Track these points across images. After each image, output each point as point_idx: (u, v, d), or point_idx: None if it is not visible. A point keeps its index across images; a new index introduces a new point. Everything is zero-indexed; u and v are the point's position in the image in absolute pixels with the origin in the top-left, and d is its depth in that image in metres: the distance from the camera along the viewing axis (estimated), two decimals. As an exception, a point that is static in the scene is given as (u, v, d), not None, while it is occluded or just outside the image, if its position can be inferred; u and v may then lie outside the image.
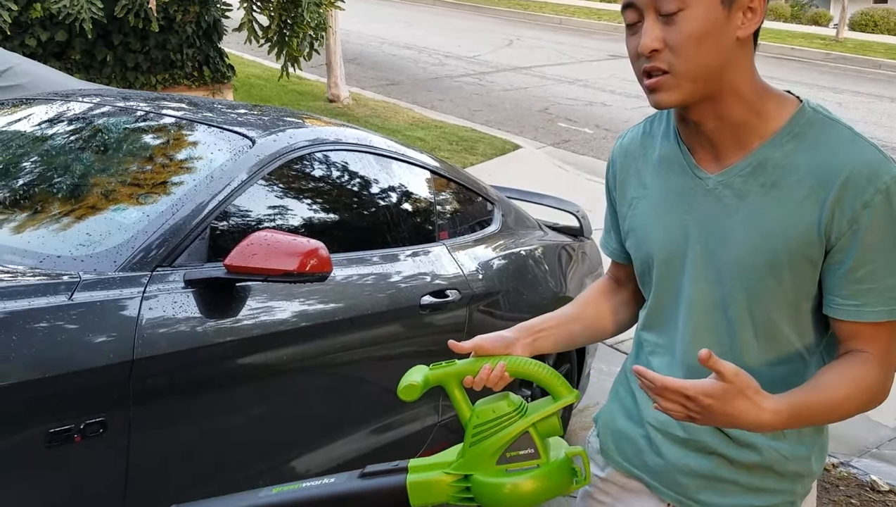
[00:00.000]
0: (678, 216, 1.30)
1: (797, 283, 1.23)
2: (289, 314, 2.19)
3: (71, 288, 1.79)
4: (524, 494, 1.24)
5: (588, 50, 14.79)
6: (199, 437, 2.01)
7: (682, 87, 1.19)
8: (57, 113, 2.71)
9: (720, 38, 1.17)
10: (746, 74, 1.22)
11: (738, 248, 1.24)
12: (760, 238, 1.22)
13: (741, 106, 1.22)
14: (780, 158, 1.22)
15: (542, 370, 1.31)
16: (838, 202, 1.17)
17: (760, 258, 1.22)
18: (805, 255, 1.21)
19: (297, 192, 2.52)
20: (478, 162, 7.60)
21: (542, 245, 3.35)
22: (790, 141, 1.22)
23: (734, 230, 1.24)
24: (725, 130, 1.25)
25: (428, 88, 11.06)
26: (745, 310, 1.26)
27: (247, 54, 11.07)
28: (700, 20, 1.16)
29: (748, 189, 1.24)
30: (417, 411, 2.68)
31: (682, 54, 1.17)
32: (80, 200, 2.23)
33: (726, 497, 1.32)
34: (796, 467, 1.32)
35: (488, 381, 1.32)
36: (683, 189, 1.30)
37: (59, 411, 1.69)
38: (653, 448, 1.38)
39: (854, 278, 1.19)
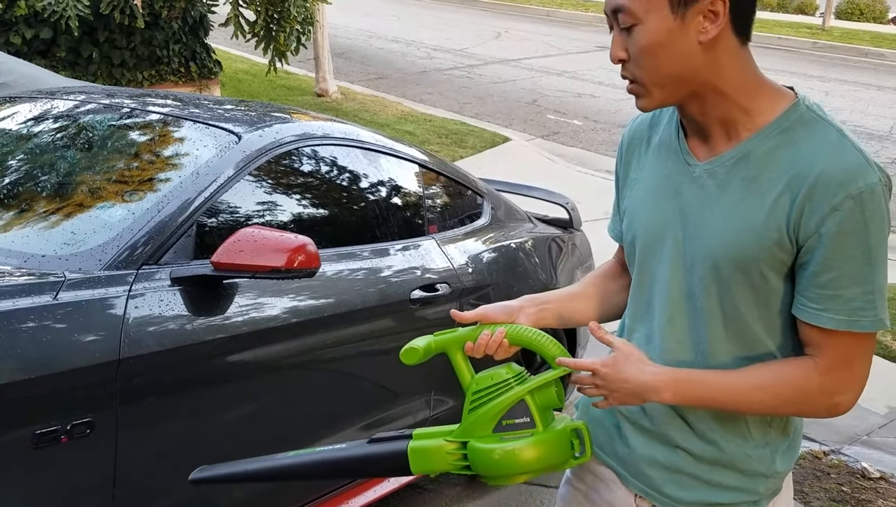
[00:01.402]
0: (665, 201, 1.31)
1: (767, 280, 1.22)
2: (278, 311, 2.17)
3: (56, 288, 1.77)
4: (516, 461, 1.22)
5: (576, 42, 14.78)
6: (188, 436, 2.00)
7: (652, 94, 1.23)
8: (42, 111, 2.68)
9: (678, 47, 1.19)
10: (728, 73, 1.21)
11: (711, 238, 1.24)
12: (733, 231, 1.22)
13: (725, 103, 1.23)
14: (763, 153, 1.21)
15: (541, 338, 1.30)
16: (808, 202, 1.16)
17: (731, 251, 1.22)
18: (774, 253, 1.20)
19: (284, 187, 2.50)
20: (467, 155, 7.58)
21: (531, 238, 3.34)
22: (776, 136, 1.21)
23: (711, 220, 1.24)
24: (712, 123, 1.25)
25: (417, 81, 11.03)
26: (716, 302, 1.25)
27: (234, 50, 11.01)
28: (652, 33, 1.19)
29: (729, 180, 1.23)
30: (409, 405, 2.67)
31: (642, 65, 1.21)
32: (65, 199, 2.21)
33: (688, 491, 1.32)
34: (759, 466, 1.30)
35: (487, 347, 1.33)
36: (673, 174, 1.31)
37: (45, 412, 1.67)
38: (622, 437, 1.39)
39: (818, 283, 1.18)
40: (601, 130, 9.14)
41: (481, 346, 1.34)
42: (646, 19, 1.18)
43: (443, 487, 3.11)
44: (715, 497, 1.31)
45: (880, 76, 12.85)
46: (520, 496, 3.07)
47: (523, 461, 1.23)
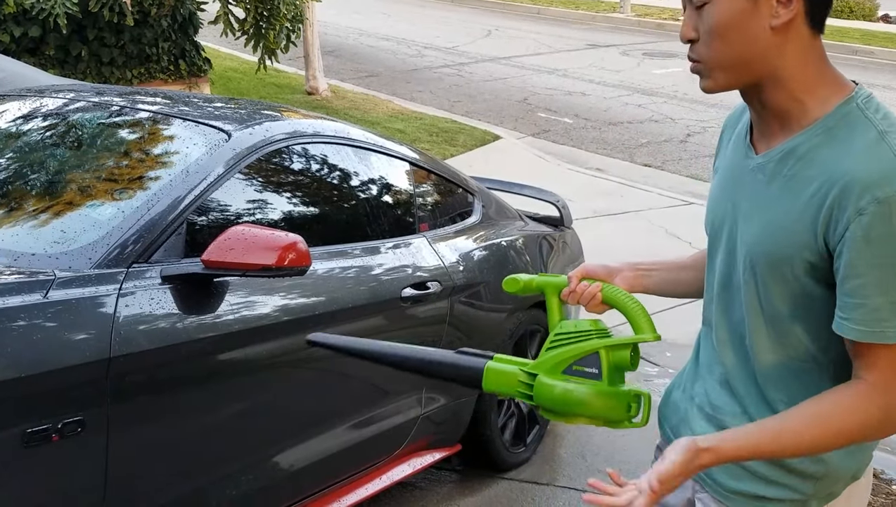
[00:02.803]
0: (727, 192, 1.32)
1: (801, 282, 1.20)
2: (269, 309, 2.17)
3: (46, 286, 1.76)
4: (572, 400, 1.29)
5: (566, 40, 14.79)
6: (180, 434, 1.99)
7: (715, 75, 1.22)
8: (31, 109, 2.67)
9: (748, 30, 1.17)
10: (792, 64, 1.19)
11: (753, 233, 1.24)
12: (770, 228, 1.21)
13: (782, 94, 1.21)
14: (805, 150, 1.19)
15: (631, 302, 1.36)
16: (836, 205, 1.13)
17: (766, 248, 1.21)
18: (804, 255, 1.17)
19: (275, 185, 2.50)
20: (458, 153, 7.58)
21: (522, 235, 3.35)
22: (821, 134, 1.18)
23: (755, 215, 1.24)
24: (769, 115, 1.24)
25: (407, 79, 11.03)
26: (755, 298, 1.25)
27: (223, 47, 10.98)
28: (724, 12, 1.18)
29: (774, 176, 1.22)
30: (400, 403, 2.67)
31: (710, 45, 1.20)
32: (55, 197, 2.20)
33: (737, 482, 1.31)
34: (809, 466, 1.27)
35: (582, 297, 1.41)
36: (737, 166, 1.31)
37: (35, 411, 1.66)
38: (688, 422, 1.40)
39: (844, 290, 1.15)
40: (591, 128, 9.16)
41: (577, 293, 1.41)
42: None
43: (434, 485, 3.11)
44: (761, 491, 1.30)
45: (869, 74, 12.91)
46: (511, 494, 3.08)
47: (577, 403, 1.29)
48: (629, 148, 8.51)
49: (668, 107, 10.02)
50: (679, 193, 7.17)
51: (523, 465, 3.26)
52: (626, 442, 3.42)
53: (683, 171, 7.85)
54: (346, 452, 2.48)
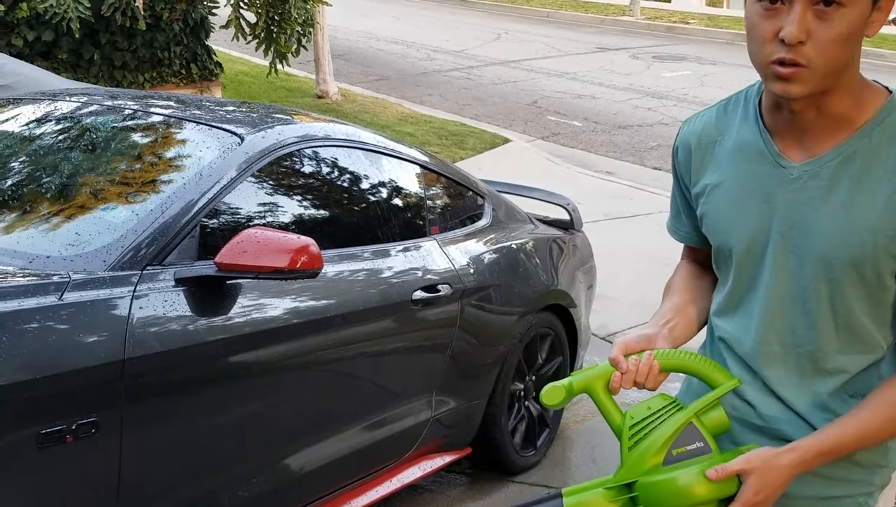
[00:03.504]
0: (758, 205, 1.28)
1: (880, 277, 1.21)
2: (280, 311, 2.18)
3: (61, 288, 1.78)
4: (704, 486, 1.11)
5: (576, 43, 14.78)
6: (192, 436, 2.00)
7: (814, 81, 1.17)
8: (44, 113, 2.69)
9: (859, 37, 1.17)
10: (855, 69, 1.21)
11: (823, 240, 1.22)
12: (847, 231, 1.20)
13: (846, 99, 1.21)
14: (868, 151, 1.20)
15: (693, 358, 1.25)
16: None
17: (845, 251, 1.21)
18: (889, 250, 1.19)
19: (286, 188, 2.51)
20: (468, 156, 7.59)
21: (532, 239, 3.35)
22: (879, 133, 1.20)
23: (820, 222, 1.22)
24: (824, 120, 1.22)
25: (417, 82, 11.04)
26: (826, 301, 1.25)
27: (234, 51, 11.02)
28: (854, 20, 1.14)
29: (836, 181, 1.21)
30: (411, 406, 2.68)
31: (827, 52, 1.14)
32: (69, 200, 2.22)
33: (804, 487, 1.28)
34: (875, 457, 1.29)
35: (638, 374, 1.25)
36: (764, 177, 1.27)
37: (50, 412, 1.68)
38: (729, 436, 1.34)
39: None
40: (601, 132, 9.15)
41: (631, 373, 1.25)
42: (855, 3, 1.13)
43: (444, 488, 3.12)
44: (830, 491, 1.29)
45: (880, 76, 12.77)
46: (521, 497, 3.08)
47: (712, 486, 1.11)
48: (639, 151, 8.50)
49: (677, 110, 10.00)
50: (689, 196, 7.15)
51: (533, 468, 3.25)
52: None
53: (693, 174, 7.83)
54: (356, 454, 2.49)
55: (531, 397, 3.26)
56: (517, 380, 3.16)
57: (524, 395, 3.23)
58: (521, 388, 3.20)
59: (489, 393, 2.99)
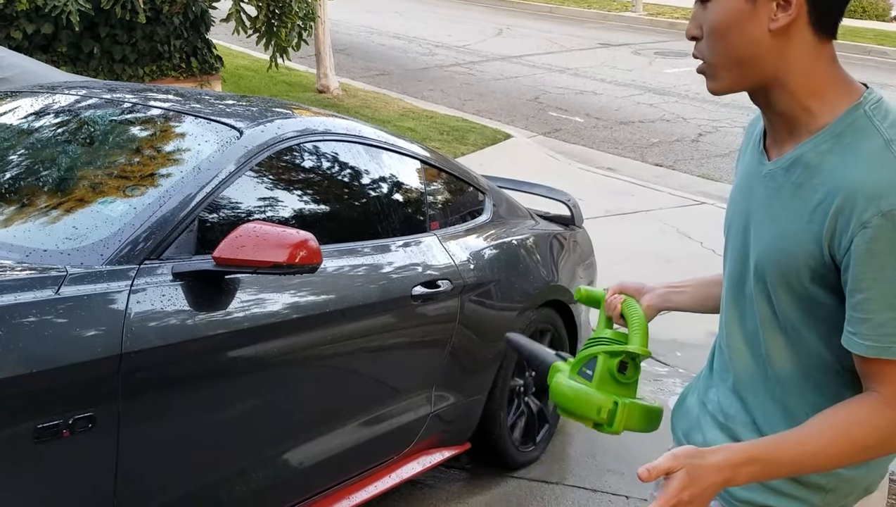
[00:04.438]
0: (741, 200, 1.30)
1: (808, 291, 1.17)
2: (279, 306, 2.17)
3: (58, 282, 1.77)
4: (557, 393, 1.41)
5: (578, 39, 14.76)
6: (190, 431, 2.00)
7: (718, 76, 1.20)
8: (43, 106, 2.68)
9: (746, 31, 1.16)
10: (796, 68, 1.16)
11: (763, 241, 1.21)
12: (778, 236, 1.19)
13: (788, 99, 1.19)
14: (812, 158, 1.16)
15: (635, 317, 1.45)
16: (840, 216, 1.10)
17: (775, 257, 1.19)
18: (810, 265, 1.15)
19: (286, 183, 2.50)
20: (469, 152, 7.57)
21: (533, 234, 3.34)
22: (828, 141, 1.16)
23: (765, 223, 1.22)
24: (779, 120, 1.22)
25: (418, 78, 11.02)
26: (768, 306, 1.23)
27: (235, 45, 11.00)
28: (723, 11, 1.17)
29: (783, 184, 1.20)
30: (410, 401, 2.67)
31: (709, 44, 1.19)
32: (67, 194, 2.21)
33: (746, 491, 1.29)
34: (821, 479, 1.24)
35: (609, 309, 1.50)
36: (751, 172, 1.29)
37: (46, 407, 1.67)
38: (699, 427, 1.38)
39: (851, 304, 1.12)
40: (603, 128, 9.13)
41: (607, 304, 1.49)
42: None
43: (443, 483, 3.11)
44: (770, 501, 1.28)
45: (883, 74, 12.83)
46: (520, 492, 3.08)
47: (560, 397, 1.40)
48: (640, 147, 8.48)
49: (679, 106, 9.99)
50: (690, 192, 7.15)
51: (533, 464, 3.25)
52: (637, 442, 3.40)
53: (695, 170, 7.82)
54: (355, 449, 2.48)
55: (531, 393, 3.25)
56: (517, 376, 3.16)
57: (524, 391, 3.22)
58: (520, 384, 3.19)
59: (489, 389, 2.98)
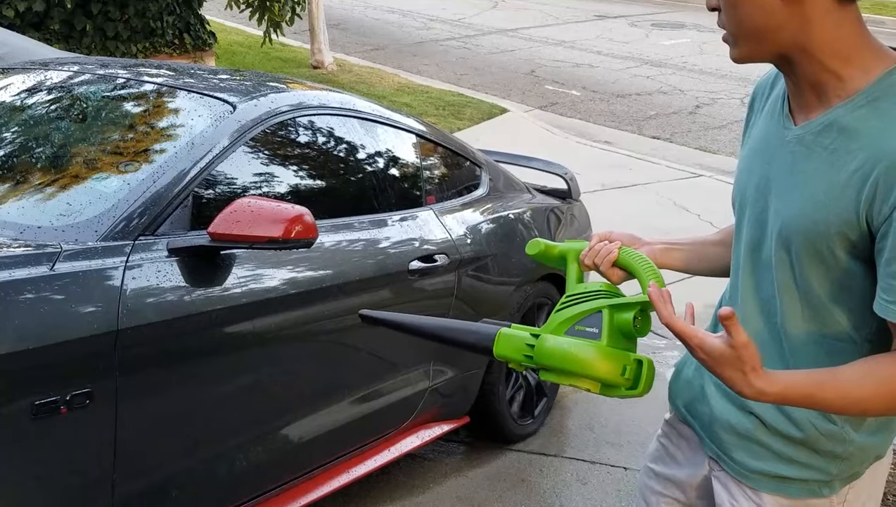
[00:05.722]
0: (759, 164, 1.27)
1: (838, 259, 1.15)
2: (276, 282, 2.17)
3: (52, 259, 1.76)
4: (565, 355, 1.22)
5: (574, 11, 14.64)
6: (188, 406, 2.00)
7: (739, 45, 1.20)
8: (35, 83, 2.66)
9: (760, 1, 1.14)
10: (818, 33, 1.14)
11: (789, 207, 1.19)
12: (808, 203, 1.16)
13: (814, 66, 1.16)
14: (848, 123, 1.14)
15: (645, 263, 1.31)
16: (882, 186, 1.08)
17: (804, 224, 1.16)
18: (844, 232, 1.13)
19: (281, 158, 2.48)
20: (465, 127, 7.54)
21: (530, 208, 3.33)
22: (864, 106, 1.13)
23: (792, 188, 1.19)
24: (805, 86, 1.20)
25: (413, 52, 10.95)
26: (788, 274, 1.21)
27: (229, 21, 10.92)
28: None
29: (814, 149, 1.17)
30: (408, 376, 2.68)
31: (727, 14, 1.19)
32: (60, 170, 2.19)
33: (758, 461, 1.29)
34: (832, 446, 1.24)
35: (598, 256, 1.36)
36: (771, 136, 1.26)
37: (43, 383, 1.67)
38: (705, 398, 1.36)
39: (890, 272, 1.09)
40: (599, 101, 9.09)
41: (594, 251, 1.36)
42: None
43: (442, 456, 3.13)
44: (783, 471, 1.27)
45: (880, 44, 12.76)
46: (519, 465, 3.09)
47: (569, 359, 1.21)
48: (637, 120, 8.45)
49: (676, 78, 9.94)
50: (688, 165, 7.13)
51: (531, 437, 3.26)
52: (634, 414, 3.42)
53: (692, 143, 7.80)
54: (354, 424, 2.49)
55: (530, 370, 3.25)
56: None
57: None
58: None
59: (487, 362, 2.99)
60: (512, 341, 1.30)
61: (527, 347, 1.28)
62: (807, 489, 1.27)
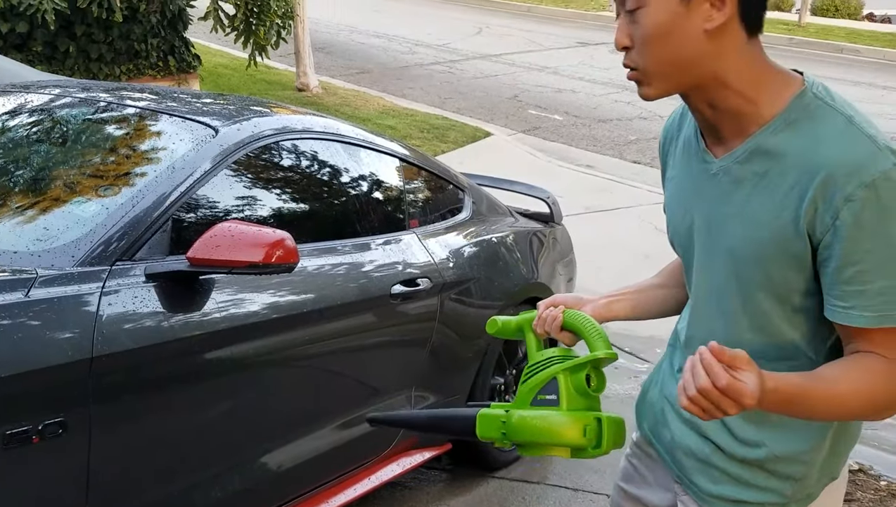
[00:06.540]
0: (689, 201, 1.30)
1: (785, 277, 1.19)
2: (257, 307, 2.14)
3: (27, 285, 1.73)
4: (528, 428, 1.26)
5: (556, 38, 14.77)
6: (164, 435, 1.96)
7: (654, 82, 1.21)
8: (15, 105, 2.63)
9: (682, 34, 1.17)
10: (733, 64, 1.18)
11: (730, 236, 1.22)
12: (749, 227, 1.19)
13: (730, 95, 1.20)
14: (772, 146, 1.18)
15: (588, 323, 1.35)
16: (821, 198, 1.12)
17: (748, 248, 1.20)
18: (787, 249, 1.16)
19: (263, 181, 2.47)
20: (449, 150, 7.56)
21: (513, 232, 3.33)
22: (784, 129, 1.18)
23: (729, 218, 1.22)
24: (722, 116, 1.22)
25: (398, 76, 10.98)
26: (738, 300, 1.23)
27: (213, 44, 10.92)
28: (657, 16, 1.17)
29: (743, 176, 1.21)
30: (390, 401, 2.65)
31: (644, 52, 1.19)
32: (38, 194, 2.16)
33: (716, 485, 1.31)
34: (787, 468, 1.26)
35: (546, 323, 1.40)
36: (694, 173, 1.29)
37: (15, 412, 1.63)
38: (665, 422, 1.40)
39: (842, 279, 1.14)
40: (581, 126, 9.15)
41: (541, 320, 1.40)
42: (651, 2, 1.17)
43: (424, 484, 3.09)
44: (740, 495, 1.29)
45: (855, 72, 12.95)
46: (501, 493, 3.06)
47: (533, 431, 1.26)
48: (618, 145, 8.50)
49: (655, 105, 10.01)
50: (670, 190, 7.16)
51: (514, 463, 3.24)
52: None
53: (674, 168, 7.84)
54: (334, 452, 2.46)
55: (512, 392, 3.24)
56: (497, 374, 3.14)
57: (505, 389, 3.20)
58: (501, 382, 3.18)
59: (469, 388, 2.97)
60: (489, 422, 1.34)
61: (501, 424, 1.31)
62: None
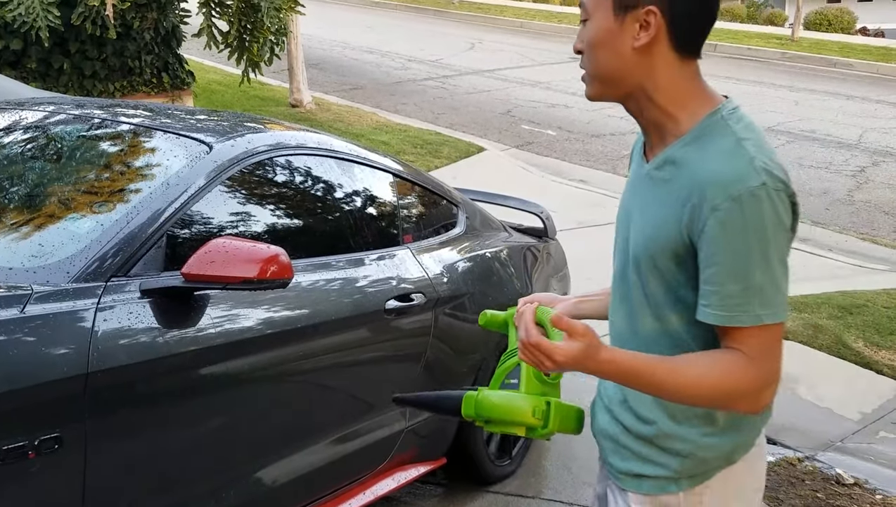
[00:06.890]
0: (626, 200, 1.45)
1: (673, 275, 1.32)
2: (252, 322, 2.15)
3: (22, 301, 1.73)
4: (484, 404, 1.42)
5: (549, 53, 14.86)
6: (160, 450, 1.96)
7: (593, 85, 1.38)
8: (10, 122, 2.64)
9: (615, 47, 1.33)
10: (660, 82, 1.33)
11: (638, 232, 1.37)
12: (649, 226, 1.34)
13: (653, 108, 1.35)
14: (678, 157, 1.32)
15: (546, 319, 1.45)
16: (697, 206, 1.25)
17: (646, 244, 1.34)
18: (672, 250, 1.30)
19: (257, 198, 2.48)
20: (442, 165, 7.58)
21: (506, 247, 3.34)
22: (690, 143, 1.31)
23: (640, 217, 1.38)
24: (648, 125, 1.38)
25: (391, 91, 11.03)
26: (640, 288, 1.37)
27: (207, 60, 10.96)
28: (596, 30, 1.34)
29: (656, 180, 1.35)
30: (384, 417, 2.65)
31: (588, 58, 1.37)
32: (33, 211, 2.17)
33: (624, 462, 1.43)
34: (673, 444, 1.37)
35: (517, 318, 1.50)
36: (635, 175, 1.44)
37: (12, 428, 1.63)
38: (594, 413, 1.54)
39: (703, 278, 1.27)
40: (575, 140, 9.19)
41: (518, 314, 1.49)
42: (594, 16, 1.34)
43: (419, 499, 3.09)
44: (640, 469, 1.41)
45: (848, 86, 13.05)
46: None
47: (494, 409, 1.41)
48: (612, 159, 8.54)
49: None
50: (663, 204, 7.19)
51: (509, 478, 3.24)
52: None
53: (667, 182, 7.88)
54: (329, 466, 2.46)
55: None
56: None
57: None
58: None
59: (464, 403, 2.97)
60: (469, 401, 1.47)
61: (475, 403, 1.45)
62: (657, 485, 1.39)
